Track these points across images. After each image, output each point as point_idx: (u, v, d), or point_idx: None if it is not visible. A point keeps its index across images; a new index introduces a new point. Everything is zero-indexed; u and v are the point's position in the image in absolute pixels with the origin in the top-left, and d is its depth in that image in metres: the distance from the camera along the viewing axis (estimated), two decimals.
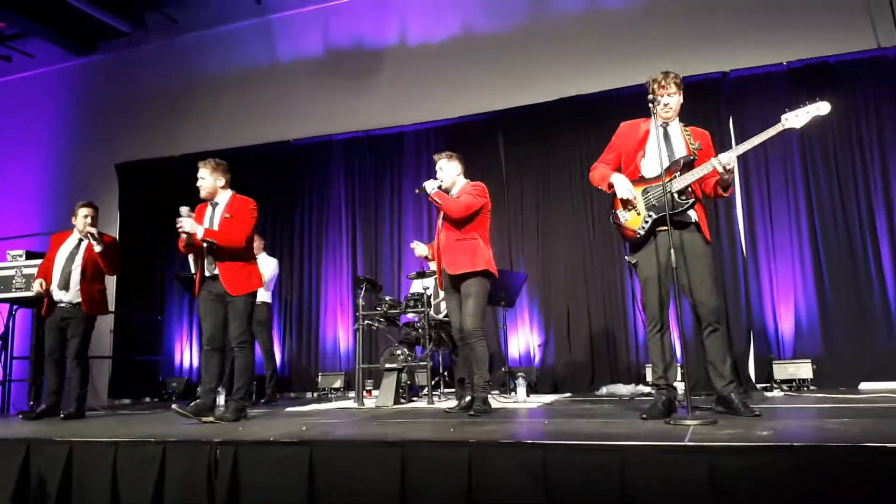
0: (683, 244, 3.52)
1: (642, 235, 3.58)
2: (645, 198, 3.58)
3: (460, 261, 4.33)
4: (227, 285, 4.39)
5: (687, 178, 3.49)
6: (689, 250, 3.52)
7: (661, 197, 3.47)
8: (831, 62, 6.29)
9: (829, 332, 5.95)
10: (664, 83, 3.58)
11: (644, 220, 3.57)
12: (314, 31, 8.44)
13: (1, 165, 9.72)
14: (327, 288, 7.93)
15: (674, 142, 3.63)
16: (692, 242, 3.53)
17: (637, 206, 3.59)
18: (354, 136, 8.07)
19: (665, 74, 3.61)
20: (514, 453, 2.62)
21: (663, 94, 3.57)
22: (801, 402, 4.54)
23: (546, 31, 7.40)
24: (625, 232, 3.67)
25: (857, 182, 6.10)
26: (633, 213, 3.60)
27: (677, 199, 3.49)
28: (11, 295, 6.52)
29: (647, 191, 3.58)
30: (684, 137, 3.64)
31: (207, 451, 3.05)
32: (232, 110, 8.68)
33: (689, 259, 3.51)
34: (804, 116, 3.43)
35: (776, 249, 6.27)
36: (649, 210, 3.55)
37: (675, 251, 3.39)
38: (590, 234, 6.90)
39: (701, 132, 3.71)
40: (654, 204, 3.53)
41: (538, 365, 6.83)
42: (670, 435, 2.71)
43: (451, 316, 4.54)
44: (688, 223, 3.55)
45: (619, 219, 3.67)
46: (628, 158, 3.71)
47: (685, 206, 3.49)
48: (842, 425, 2.87)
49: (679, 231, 3.51)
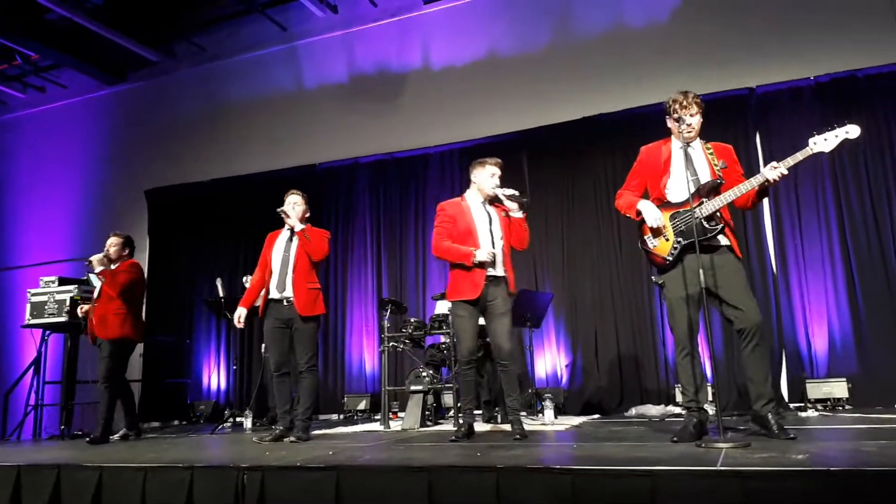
0: (715, 264, 3.47)
1: (671, 262, 3.55)
2: (673, 223, 3.55)
3: (512, 281, 4.31)
4: (300, 306, 4.50)
5: (716, 202, 3.44)
6: (722, 269, 3.46)
7: (689, 223, 3.44)
8: (859, 76, 6.20)
9: (864, 350, 5.81)
10: (686, 103, 3.56)
11: (673, 247, 3.54)
12: (339, 56, 8.55)
13: (34, 193, 9.96)
14: (353, 310, 7.95)
15: (697, 163, 3.59)
16: (724, 261, 3.48)
17: (666, 232, 3.56)
18: (379, 159, 8.13)
19: (685, 94, 3.59)
20: (543, 479, 2.58)
21: (686, 115, 3.54)
22: (836, 422, 4.42)
23: (569, 52, 7.42)
24: (654, 258, 3.65)
25: (891, 196, 5.98)
26: (662, 239, 3.56)
27: (706, 226, 3.45)
28: (45, 321, 6.65)
29: (674, 216, 3.55)
30: (707, 157, 3.60)
31: (235, 476, 3.05)
32: (259, 136, 8.81)
33: (723, 277, 3.45)
34: (833, 140, 3.35)
35: (807, 265, 6.16)
36: (678, 236, 3.52)
37: (707, 272, 3.38)
38: (616, 253, 6.84)
39: (723, 147, 3.67)
40: (682, 230, 3.50)
41: (566, 386, 6.76)
42: (702, 459, 2.65)
43: (469, 337, 4.21)
44: (718, 246, 3.50)
45: (648, 245, 3.65)
46: (653, 183, 3.68)
47: (715, 232, 3.45)
48: (880, 448, 2.79)
49: (709, 254, 3.47)
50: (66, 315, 6.49)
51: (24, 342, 8.13)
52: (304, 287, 4.55)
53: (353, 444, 4.13)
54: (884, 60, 6.11)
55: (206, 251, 8.78)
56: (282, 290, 4.56)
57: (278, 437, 4.48)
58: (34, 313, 6.68)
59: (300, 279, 4.56)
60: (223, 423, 6.62)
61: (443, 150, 7.85)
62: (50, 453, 4.44)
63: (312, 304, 4.57)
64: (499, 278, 4.22)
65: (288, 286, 4.54)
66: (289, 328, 4.57)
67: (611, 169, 6.99)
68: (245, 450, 4.23)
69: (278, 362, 4.58)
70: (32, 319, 6.69)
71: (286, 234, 4.74)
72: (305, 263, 4.59)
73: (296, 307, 4.51)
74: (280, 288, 4.56)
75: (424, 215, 7.82)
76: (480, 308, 4.22)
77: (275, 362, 4.59)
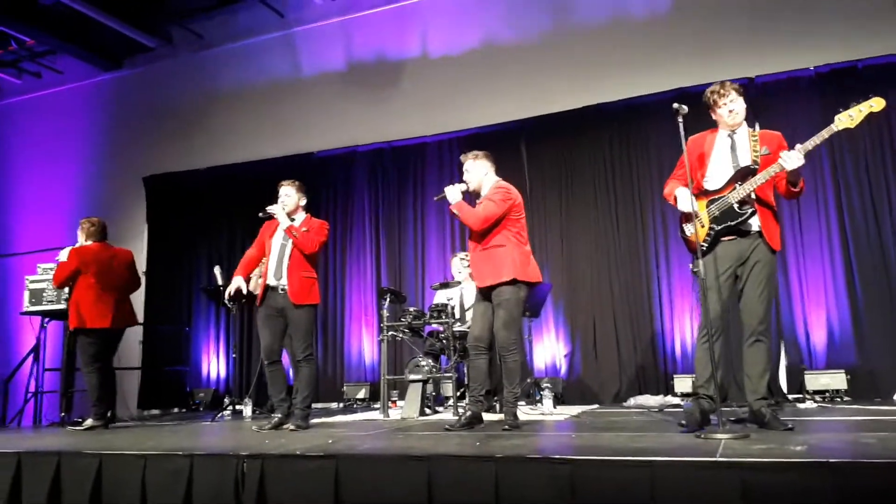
0: (746, 253, 3.51)
1: (706, 248, 3.58)
2: (708, 210, 3.59)
3: (485, 272, 4.18)
4: (292, 294, 4.49)
5: (747, 186, 3.47)
6: (750, 260, 3.50)
7: (724, 208, 3.50)
8: (859, 66, 6.18)
9: (863, 342, 5.82)
10: (722, 91, 3.61)
11: (708, 233, 3.58)
12: (337, 43, 8.50)
13: (31, 179, 9.92)
14: (352, 299, 7.96)
15: (739, 150, 3.61)
16: (755, 251, 3.50)
17: (701, 218, 3.59)
18: (377, 147, 8.10)
19: (721, 83, 3.64)
20: (542, 468, 2.59)
21: (724, 100, 3.59)
22: (835, 413, 4.44)
23: (568, 40, 7.38)
24: (691, 245, 3.67)
25: (890, 187, 5.97)
26: (698, 225, 3.58)
27: (737, 210, 3.49)
28: (43, 308, 6.64)
29: (711, 203, 3.60)
30: (750, 144, 3.60)
31: (234, 465, 3.06)
32: (256, 123, 8.77)
33: (749, 269, 3.50)
34: (858, 115, 3.36)
35: (806, 257, 6.16)
36: (713, 222, 3.57)
37: (737, 260, 3.46)
38: (615, 242, 6.84)
39: (771, 135, 3.63)
40: (716, 215, 3.55)
41: (564, 376, 6.78)
42: (701, 449, 2.66)
43: (474, 323, 4.33)
44: (750, 231, 3.52)
45: (686, 232, 3.69)
46: (693, 172, 3.70)
47: (745, 216, 3.48)
48: (879, 440, 2.80)
49: (743, 240, 3.51)
50: (65, 302, 6.47)
51: (23, 329, 8.12)
52: (298, 275, 4.55)
53: (353, 433, 4.14)
54: (884, 51, 6.08)
55: (205, 239, 8.77)
56: (278, 278, 4.57)
57: (277, 424, 4.49)
58: (32, 300, 6.67)
59: (295, 267, 4.57)
60: (223, 410, 6.63)
61: (441, 138, 7.82)
62: (50, 440, 4.44)
63: (306, 292, 4.57)
64: None
65: (283, 274, 4.55)
66: (282, 316, 4.57)
67: (609, 158, 6.97)
68: (245, 438, 4.24)
69: (269, 350, 4.57)
70: (31, 307, 6.67)
71: None
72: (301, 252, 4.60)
73: (289, 295, 4.51)
74: (277, 275, 4.57)
75: (423, 204, 7.80)
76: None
77: (265, 350, 4.58)
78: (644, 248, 6.71)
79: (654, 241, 6.69)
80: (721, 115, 3.63)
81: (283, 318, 4.58)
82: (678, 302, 6.52)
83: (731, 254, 3.47)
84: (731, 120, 3.61)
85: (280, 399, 4.61)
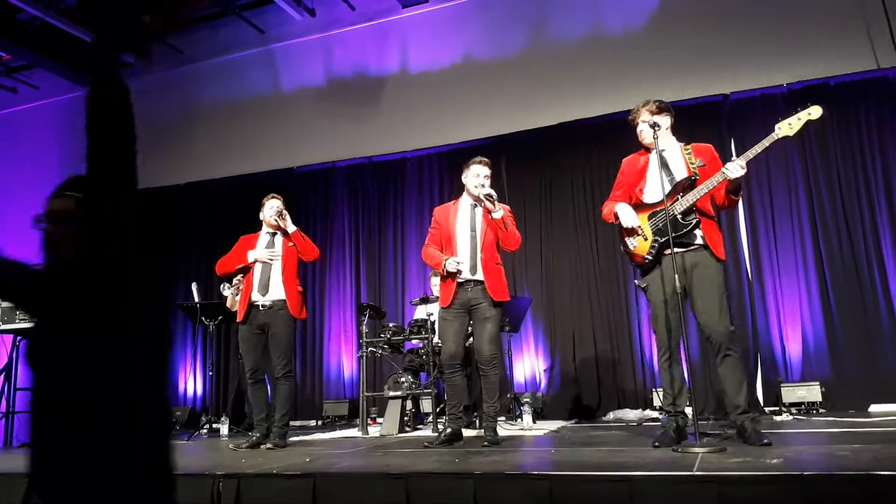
0: (692, 266, 3.51)
1: (650, 260, 3.59)
2: (651, 222, 3.60)
3: (497, 287, 4.16)
4: (293, 309, 4.53)
5: (689, 197, 3.51)
6: (697, 272, 3.50)
7: (665, 220, 3.48)
8: (831, 84, 6.30)
9: (838, 354, 5.89)
10: (635, 111, 3.76)
11: (652, 246, 3.59)
12: (316, 59, 8.51)
13: (6, 195, 9.77)
14: (331, 314, 7.91)
15: (673, 165, 3.67)
16: (700, 263, 3.51)
17: (644, 231, 3.61)
18: (357, 163, 8.11)
19: (644, 102, 3.76)
20: (521, 485, 2.58)
21: (637, 122, 3.72)
22: (810, 426, 4.48)
23: (546, 57, 7.45)
24: (635, 258, 3.70)
25: (861, 203, 6.08)
26: (640, 238, 3.61)
27: (681, 221, 3.51)
28: (16, 326, 6.53)
29: (652, 215, 3.62)
30: (684, 157, 3.67)
31: (210, 484, 3.02)
32: (235, 139, 8.73)
33: (696, 281, 3.50)
34: (797, 123, 3.44)
35: (781, 271, 6.24)
36: (656, 234, 3.58)
37: (683, 274, 3.42)
38: (594, 257, 6.88)
39: (703, 147, 3.73)
40: (659, 227, 3.56)
41: (544, 390, 6.77)
42: (679, 464, 2.67)
43: (448, 341, 4.21)
44: (695, 243, 3.54)
45: (629, 246, 3.70)
46: (632, 190, 3.76)
47: (690, 226, 3.50)
48: (853, 452, 2.83)
49: (687, 252, 3.52)
50: None
51: None
52: (294, 289, 4.55)
53: (331, 451, 4.10)
54: (855, 68, 6.22)
55: (182, 255, 8.68)
56: (263, 293, 4.53)
57: (255, 443, 4.44)
58: (5, 319, 6.56)
59: (290, 282, 4.55)
60: (199, 429, 6.54)
61: (421, 154, 7.84)
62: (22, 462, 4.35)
63: (300, 307, 4.60)
64: (480, 282, 4.18)
65: (273, 289, 4.51)
66: (264, 333, 4.54)
67: (588, 174, 7.03)
68: (221, 457, 4.19)
69: (252, 368, 4.55)
70: (3, 325, 6.57)
71: (265, 237, 4.71)
72: (294, 266, 4.58)
73: (288, 309, 4.48)
74: (262, 290, 4.53)
75: (403, 220, 7.80)
76: (467, 312, 4.20)
77: (249, 368, 4.56)
78: (623, 264, 6.74)
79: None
80: (639, 134, 3.73)
81: (266, 335, 4.55)
82: None
83: (677, 266, 3.39)
84: (645, 139, 3.70)
85: (260, 418, 4.57)
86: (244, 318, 4.56)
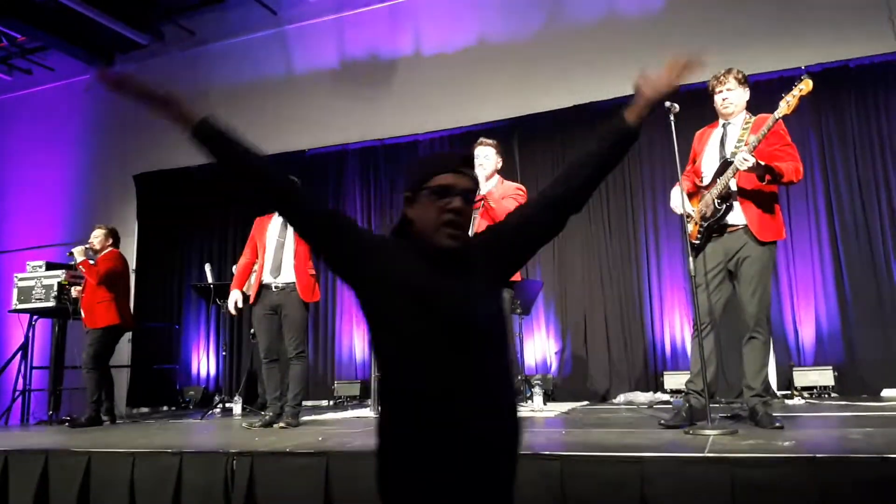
0: (735, 248, 3.47)
1: (697, 244, 3.58)
2: (700, 205, 3.60)
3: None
4: (302, 291, 4.54)
5: (721, 181, 3.46)
6: (739, 256, 3.47)
7: (708, 204, 3.50)
8: (851, 66, 6.21)
9: (851, 338, 5.85)
10: (721, 78, 3.57)
11: (699, 231, 3.58)
12: (329, 41, 8.47)
13: (22, 177, 9.86)
14: (343, 296, 7.94)
15: (728, 142, 3.57)
16: (742, 245, 3.46)
17: (693, 215, 3.60)
18: (369, 146, 8.09)
19: (728, 70, 3.59)
20: (531, 465, 2.59)
21: (721, 89, 3.56)
22: (822, 410, 4.48)
23: (561, 39, 7.37)
24: (691, 241, 3.67)
25: (879, 185, 6.01)
26: (693, 222, 3.59)
27: (716, 206, 3.47)
28: (32, 305, 6.60)
29: (702, 199, 3.60)
30: (739, 134, 3.56)
31: (224, 462, 3.05)
32: (247, 121, 8.62)
33: (738, 265, 3.48)
34: (793, 101, 3.42)
35: (795, 253, 6.18)
36: (702, 219, 3.57)
37: (725, 256, 3.44)
38: (606, 241, 6.85)
39: (762, 119, 3.52)
40: (704, 212, 3.55)
41: (555, 373, 6.78)
42: (690, 445, 2.68)
43: None
44: (733, 226, 3.49)
45: (688, 229, 3.67)
46: (695, 167, 3.71)
47: (721, 213, 3.47)
48: (865, 435, 2.82)
49: (729, 235, 3.49)
50: (54, 300, 6.44)
51: (12, 327, 8.06)
52: (305, 272, 4.56)
53: (343, 430, 4.13)
54: (875, 51, 6.11)
55: (196, 236, 8.73)
56: (275, 275, 4.54)
57: (268, 423, 4.48)
58: (21, 298, 6.63)
59: (301, 264, 4.56)
60: (212, 408, 6.61)
61: (433, 136, 7.80)
62: (38, 439, 4.42)
63: (312, 290, 4.60)
64: None
65: (284, 271, 4.53)
66: (277, 314, 4.56)
67: None
68: (234, 435, 4.24)
69: (267, 349, 4.58)
70: (20, 304, 6.64)
71: (278, 219, 4.70)
72: (305, 249, 4.57)
73: (298, 292, 4.50)
74: (274, 273, 4.54)
75: None
76: None
77: (264, 349, 4.59)
78: (635, 247, 6.73)
79: (644, 240, 6.71)
80: (716, 104, 3.60)
81: (279, 316, 4.57)
82: (668, 300, 6.54)
83: (719, 250, 3.44)
84: (724, 110, 3.57)
85: (273, 397, 4.60)
86: (255, 298, 4.59)
